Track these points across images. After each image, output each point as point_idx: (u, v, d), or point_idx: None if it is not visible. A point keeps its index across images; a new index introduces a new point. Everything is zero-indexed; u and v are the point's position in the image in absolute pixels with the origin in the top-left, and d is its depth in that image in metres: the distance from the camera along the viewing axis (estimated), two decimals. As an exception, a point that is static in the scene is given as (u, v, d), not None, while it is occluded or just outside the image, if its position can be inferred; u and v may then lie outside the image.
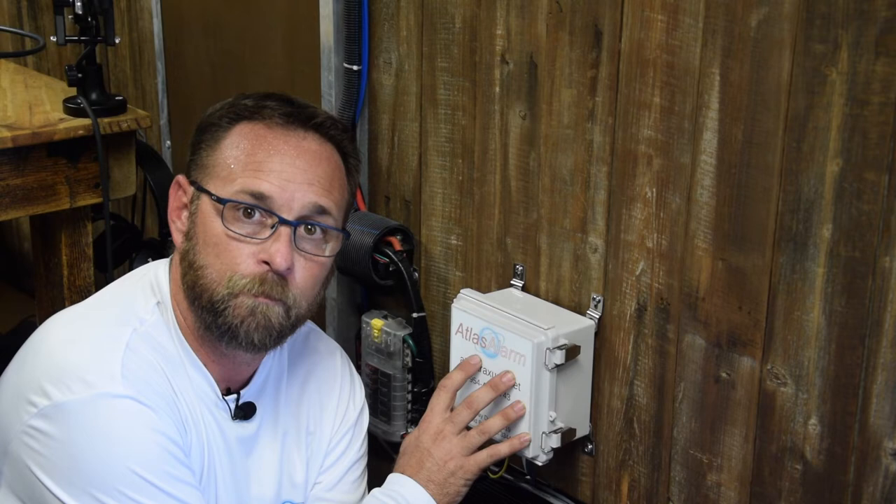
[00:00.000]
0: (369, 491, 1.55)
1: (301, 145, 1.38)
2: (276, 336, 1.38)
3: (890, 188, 1.26)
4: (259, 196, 1.35)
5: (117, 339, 1.34)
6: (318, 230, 1.38)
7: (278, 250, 1.34)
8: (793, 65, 1.33)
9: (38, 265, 2.38)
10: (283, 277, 1.35)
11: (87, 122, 2.14)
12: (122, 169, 2.24)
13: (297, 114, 1.40)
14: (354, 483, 1.57)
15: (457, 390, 1.60)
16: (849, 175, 1.29)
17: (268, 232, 1.35)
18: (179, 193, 1.42)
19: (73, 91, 2.23)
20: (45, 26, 3.01)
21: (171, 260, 1.45)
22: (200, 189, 1.38)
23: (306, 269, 1.38)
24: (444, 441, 1.54)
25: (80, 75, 2.18)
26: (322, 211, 1.38)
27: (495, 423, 1.58)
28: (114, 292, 1.46)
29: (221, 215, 1.34)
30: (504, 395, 1.61)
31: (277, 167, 1.36)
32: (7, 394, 1.36)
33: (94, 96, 2.19)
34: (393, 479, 1.53)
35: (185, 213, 1.41)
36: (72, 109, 2.18)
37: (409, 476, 1.52)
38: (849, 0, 1.26)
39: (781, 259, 1.38)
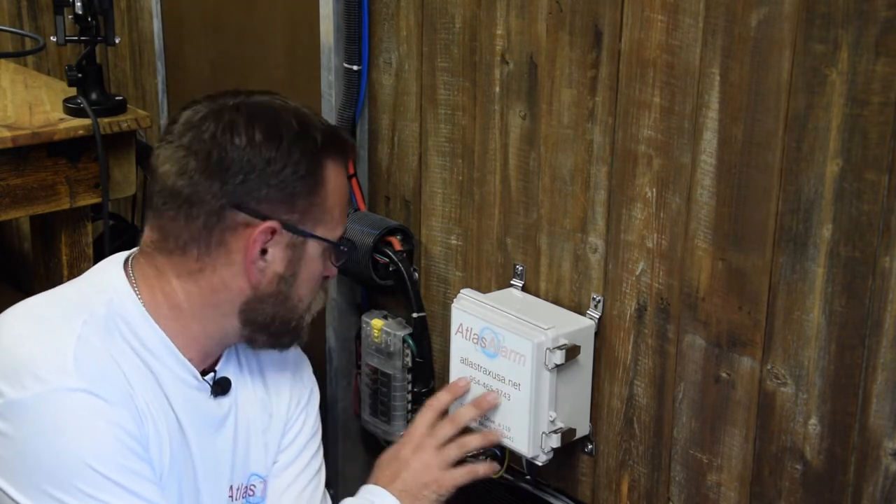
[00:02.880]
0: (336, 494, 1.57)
1: None
2: None
3: (890, 188, 1.26)
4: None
5: (69, 332, 1.33)
6: None
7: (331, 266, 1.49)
8: (793, 65, 1.33)
9: (38, 265, 2.38)
10: None
11: (87, 122, 2.14)
12: (122, 169, 2.24)
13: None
14: (312, 458, 1.59)
15: (442, 410, 1.62)
16: (849, 175, 1.29)
17: None
18: (264, 237, 1.38)
19: (73, 91, 2.23)
20: (45, 26, 3.01)
21: (133, 258, 1.45)
22: (309, 235, 1.41)
23: None
24: (422, 453, 1.56)
25: (80, 75, 2.18)
26: None
27: (473, 440, 1.60)
28: (65, 291, 1.46)
29: (329, 257, 1.45)
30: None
31: None
32: None
33: (94, 96, 2.19)
34: (366, 489, 1.54)
35: (260, 254, 1.39)
36: (72, 109, 2.18)
37: (383, 486, 1.53)
38: (849, 0, 1.26)
39: (781, 259, 1.38)
